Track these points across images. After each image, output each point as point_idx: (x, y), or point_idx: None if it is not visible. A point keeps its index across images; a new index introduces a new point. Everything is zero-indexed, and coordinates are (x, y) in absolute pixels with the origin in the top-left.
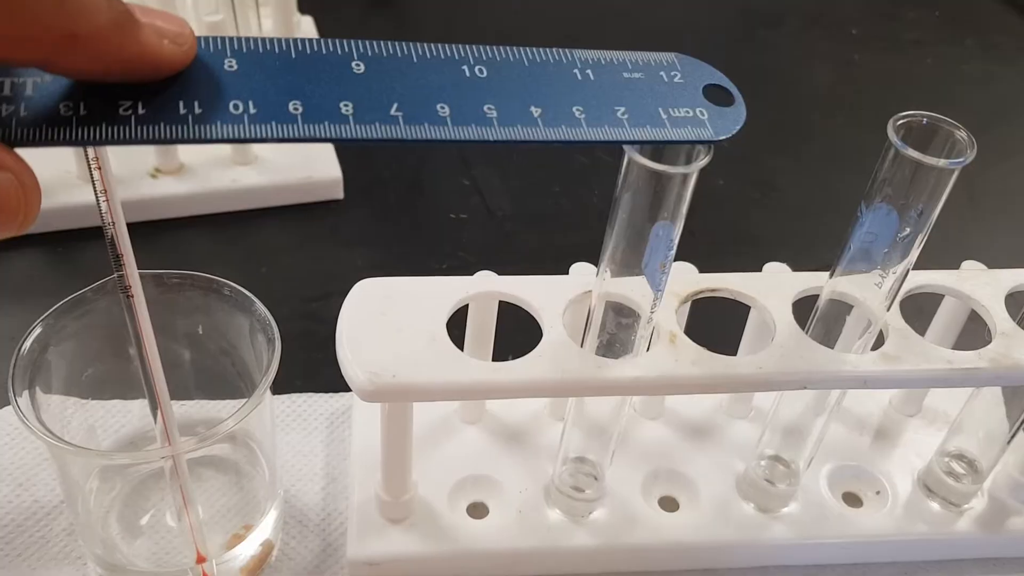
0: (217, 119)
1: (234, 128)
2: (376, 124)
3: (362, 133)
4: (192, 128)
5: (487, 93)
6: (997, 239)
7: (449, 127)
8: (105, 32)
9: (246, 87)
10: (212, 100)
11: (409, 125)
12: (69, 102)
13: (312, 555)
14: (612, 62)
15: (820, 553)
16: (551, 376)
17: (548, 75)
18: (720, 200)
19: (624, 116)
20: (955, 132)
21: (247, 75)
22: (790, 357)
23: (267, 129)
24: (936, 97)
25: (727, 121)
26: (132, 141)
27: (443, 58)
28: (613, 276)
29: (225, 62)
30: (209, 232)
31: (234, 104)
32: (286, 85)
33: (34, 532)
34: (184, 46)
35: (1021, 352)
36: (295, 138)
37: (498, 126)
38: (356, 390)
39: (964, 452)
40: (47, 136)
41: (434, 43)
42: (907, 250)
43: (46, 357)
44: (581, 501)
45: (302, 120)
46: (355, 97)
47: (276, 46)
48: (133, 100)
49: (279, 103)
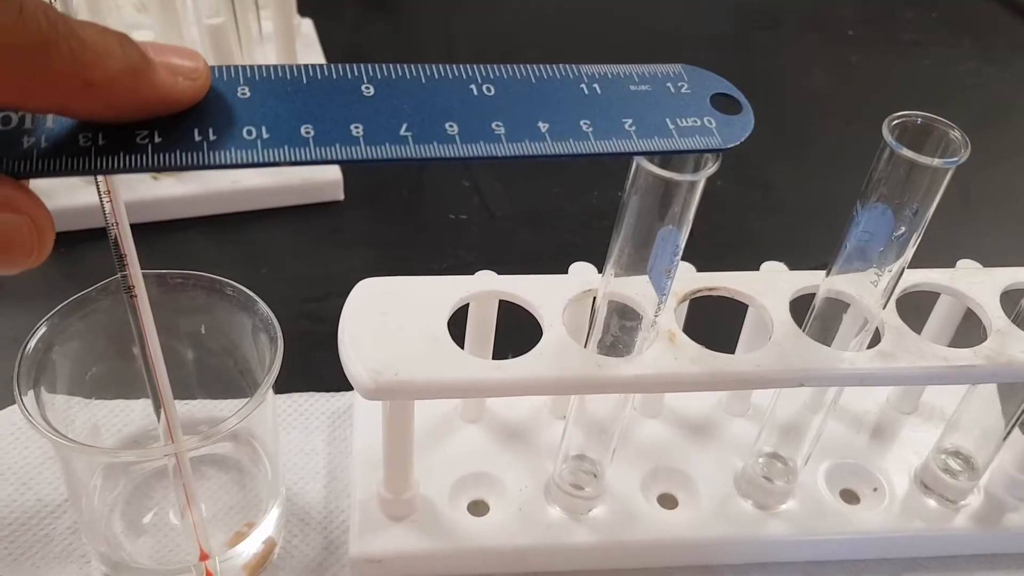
0: (231, 145)
1: (248, 153)
2: (386, 144)
3: (373, 154)
4: (207, 155)
5: (495, 110)
6: (993, 239)
7: (458, 144)
8: (120, 78)
9: (258, 113)
10: (226, 127)
11: (419, 144)
12: (88, 133)
13: (314, 552)
14: (619, 76)
15: (818, 549)
16: (551, 374)
17: (555, 91)
18: (719, 201)
19: (632, 128)
20: (949, 132)
21: (259, 102)
22: (787, 355)
23: (280, 153)
24: (933, 98)
25: (735, 129)
26: (149, 169)
27: (451, 78)
28: (618, 278)
29: (238, 90)
30: (210, 233)
31: (247, 130)
32: (297, 110)
33: (38, 530)
34: (199, 80)
35: (1016, 349)
36: (307, 161)
37: (506, 142)
38: (359, 388)
39: (960, 449)
40: (67, 166)
41: (442, 64)
42: (902, 249)
43: (51, 357)
44: (581, 499)
45: (314, 143)
46: (365, 119)
47: (287, 73)
48: (149, 130)
49: (291, 127)
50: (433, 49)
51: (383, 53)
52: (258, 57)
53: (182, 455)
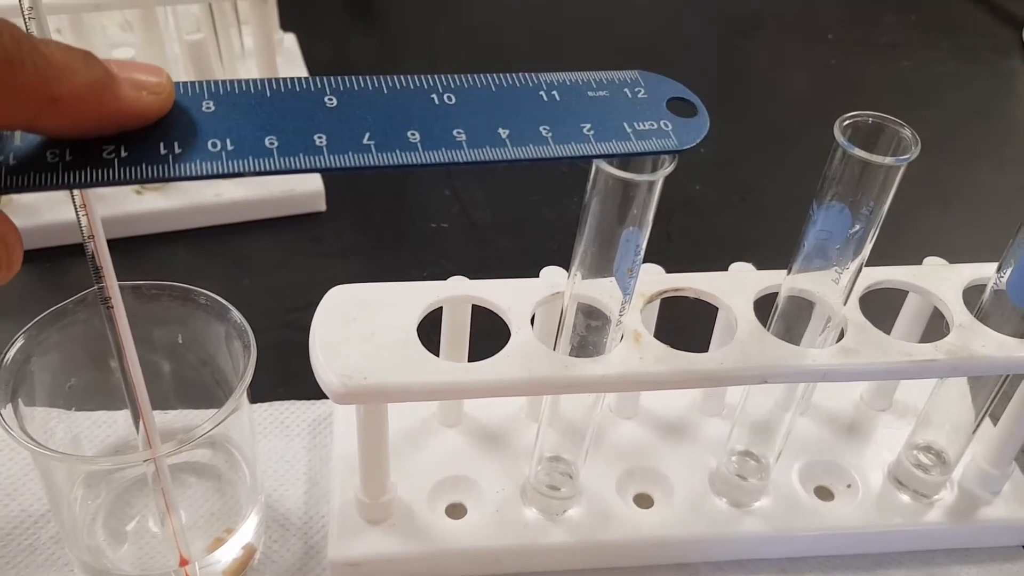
0: (196, 157)
1: (212, 164)
2: (349, 153)
3: (336, 163)
4: (172, 167)
5: (456, 118)
6: (969, 237)
7: (420, 152)
8: (85, 93)
9: (223, 126)
10: (191, 140)
11: (381, 152)
12: (55, 149)
13: (294, 557)
14: (577, 83)
15: (792, 546)
16: (518, 375)
17: (515, 98)
18: (698, 205)
19: (590, 132)
20: (900, 130)
21: (224, 115)
22: (750, 352)
23: (244, 164)
24: (912, 99)
25: (691, 131)
26: (116, 183)
27: (413, 88)
28: (584, 279)
29: (203, 104)
30: (194, 246)
31: (212, 143)
32: (261, 122)
33: (22, 540)
34: (162, 95)
35: (977, 344)
36: (272, 171)
37: (467, 148)
38: (329, 393)
39: (932, 444)
40: (35, 182)
41: (404, 75)
42: (860, 246)
43: (29, 368)
44: (557, 499)
45: (278, 154)
46: (328, 129)
47: (251, 87)
48: (116, 144)
49: (255, 139)
50: (416, 62)
51: (366, 66)
52: (240, 72)
53: (160, 461)
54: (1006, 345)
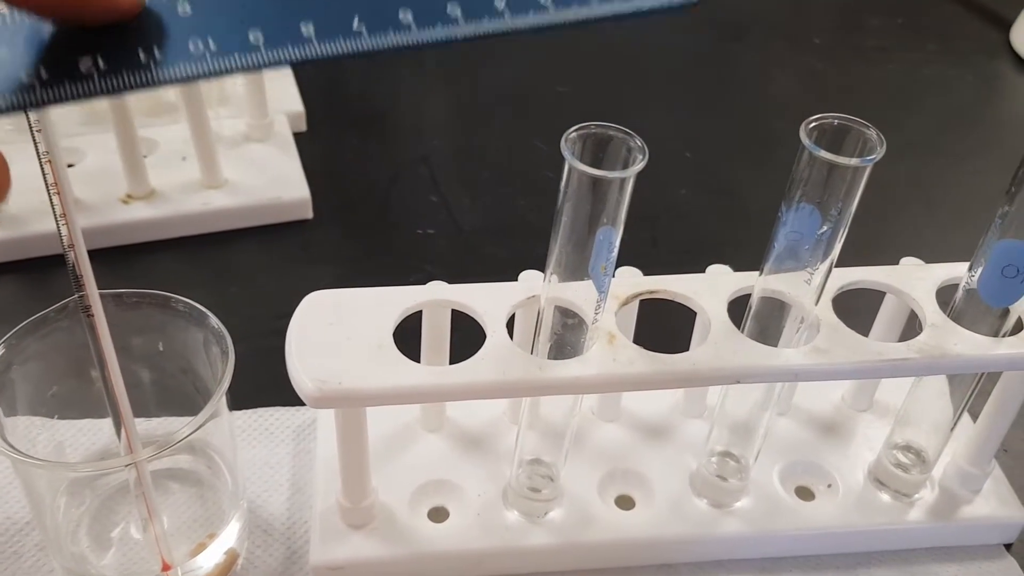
0: (179, 60)
1: (197, 66)
2: (339, 39)
3: (326, 51)
4: (155, 72)
5: None
6: (953, 238)
7: (414, 32)
8: None
9: (202, 26)
10: (170, 43)
11: (373, 36)
12: (30, 69)
13: (277, 562)
14: None
15: (773, 546)
16: (492, 378)
17: None
18: (684, 209)
19: None
20: (865, 131)
21: (201, 14)
22: (723, 353)
23: (230, 61)
24: (898, 102)
25: None
26: (97, 95)
27: None
28: (560, 281)
29: (179, 7)
30: (181, 255)
31: (193, 44)
32: (243, 16)
33: (7, 548)
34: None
35: (949, 343)
36: (259, 65)
37: (462, 23)
38: (304, 397)
39: (911, 443)
40: (13, 103)
41: None
42: (829, 247)
43: (9, 377)
44: (538, 501)
45: (264, 48)
46: (315, 16)
47: None
48: (92, 56)
49: (238, 35)
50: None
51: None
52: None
53: (141, 466)
54: (978, 343)
